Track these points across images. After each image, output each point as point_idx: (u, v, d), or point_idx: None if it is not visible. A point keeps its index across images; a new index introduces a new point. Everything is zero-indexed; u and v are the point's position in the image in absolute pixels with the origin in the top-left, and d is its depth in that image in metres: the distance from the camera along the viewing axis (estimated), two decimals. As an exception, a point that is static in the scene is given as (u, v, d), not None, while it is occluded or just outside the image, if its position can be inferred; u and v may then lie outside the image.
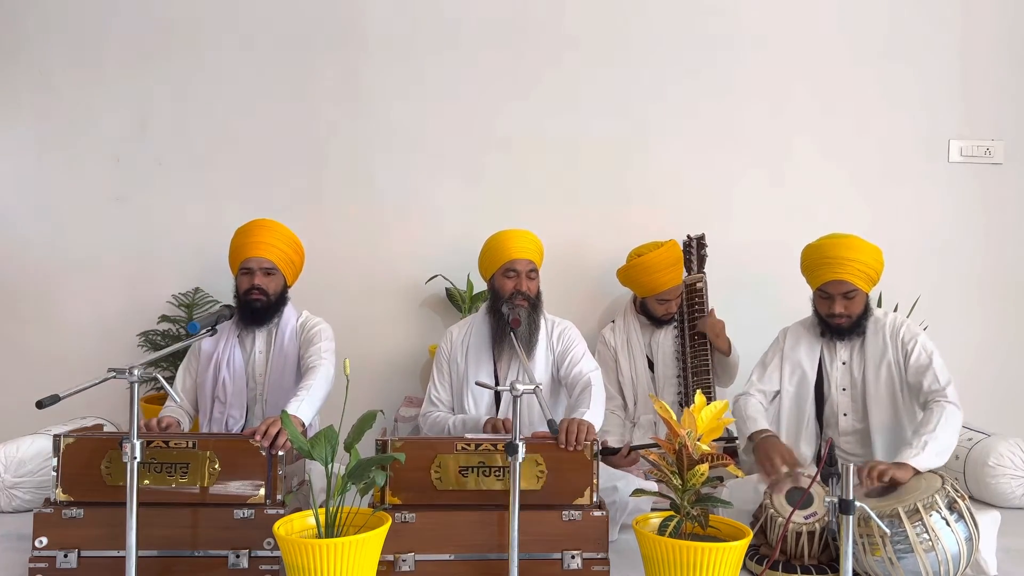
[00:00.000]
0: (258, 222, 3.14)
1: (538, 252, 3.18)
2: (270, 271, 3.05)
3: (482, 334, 3.15)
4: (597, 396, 2.88)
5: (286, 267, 3.10)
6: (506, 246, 3.14)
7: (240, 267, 3.07)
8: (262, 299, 3.04)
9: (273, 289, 3.07)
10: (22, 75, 3.93)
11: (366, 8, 3.96)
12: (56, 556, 2.44)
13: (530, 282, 3.11)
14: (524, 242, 3.15)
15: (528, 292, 3.09)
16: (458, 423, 3.07)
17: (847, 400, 3.04)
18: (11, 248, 3.95)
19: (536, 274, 3.14)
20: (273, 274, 3.06)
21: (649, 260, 3.54)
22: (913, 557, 2.34)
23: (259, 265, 3.04)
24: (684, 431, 2.28)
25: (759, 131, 4.02)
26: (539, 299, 3.15)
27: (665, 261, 3.55)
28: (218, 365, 3.05)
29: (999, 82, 4.06)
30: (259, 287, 3.03)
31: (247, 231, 3.11)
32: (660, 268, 3.54)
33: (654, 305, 3.61)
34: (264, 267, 3.04)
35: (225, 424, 3.04)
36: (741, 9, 4.01)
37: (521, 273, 3.10)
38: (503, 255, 3.13)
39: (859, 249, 2.91)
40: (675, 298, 3.60)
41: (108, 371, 2.26)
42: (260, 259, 3.04)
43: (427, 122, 3.98)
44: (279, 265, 3.07)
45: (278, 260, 3.07)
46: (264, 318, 3.08)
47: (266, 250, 3.05)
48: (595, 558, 2.46)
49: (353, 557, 2.13)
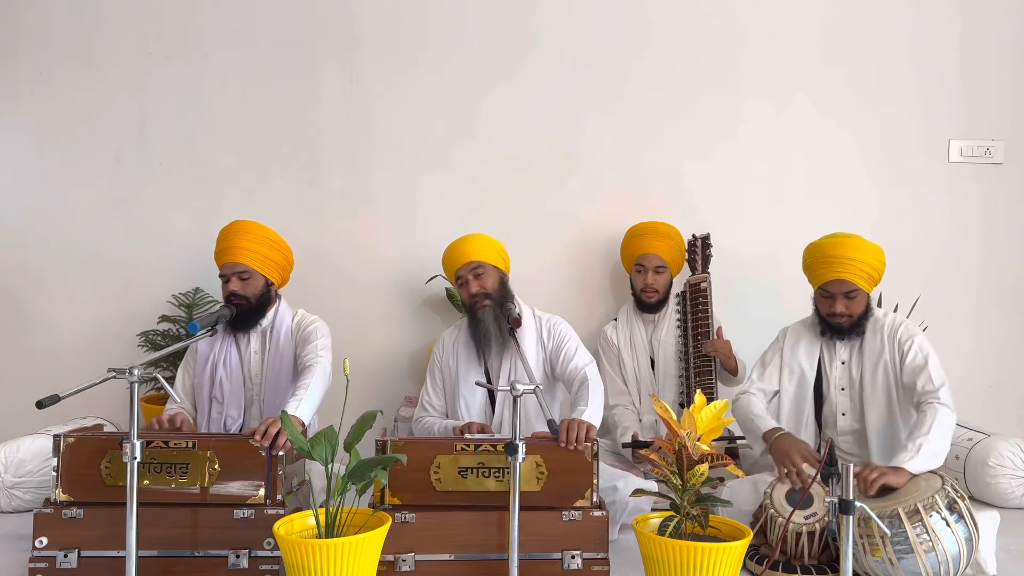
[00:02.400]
0: (233, 225, 3.11)
1: (483, 248, 3.17)
2: (244, 275, 3.04)
3: (470, 337, 3.17)
4: (595, 392, 2.89)
5: (264, 267, 3.07)
6: (450, 258, 3.21)
7: (220, 275, 3.09)
8: (242, 304, 3.04)
9: (251, 292, 3.05)
10: (22, 75, 3.92)
11: (366, 9, 3.96)
12: (56, 556, 2.44)
13: (479, 280, 3.12)
14: (464, 247, 3.17)
15: (481, 290, 3.10)
16: (441, 429, 3.11)
17: (845, 400, 3.04)
18: (11, 248, 3.95)
19: (483, 269, 3.13)
20: (248, 278, 3.05)
21: (639, 224, 3.67)
22: (913, 557, 2.35)
23: (232, 271, 3.04)
24: (684, 431, 2.28)
25: (760, 131, 4.02)
26: (504, 289, 3.16)
27: (653, 227, 3.63)
28: (215, 366, 3.06)
29: (999, 82, 4.06)
30: (235, 292, 3.03)
31: (223, 236, 3.10)
32: (645, 232, 3.62)
33: (635, 278, 3.62)
34: (238, 271, 3.04)
35: (223, 424, 3.05)
36: (742, 9, 4.01)
37: (467, 276, 3.12)
38: (450, 268, 3.22)
39: (861, 248, 2.91)
40: (652, 269, 3.57)
41: (108, 371, 2.26)
42: (233, 264, 3.03)
43: (427, 123, 3.98)
44: (254, 267, 3.04)
45: (252, 262, 3.04)
46: (251, 320, 3.09)
47: (239, 255, 3.03)
48: (595, 558, 2.47)
49: (353, 557, 2.13)
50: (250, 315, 3.07)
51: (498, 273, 3.18)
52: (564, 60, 4.00)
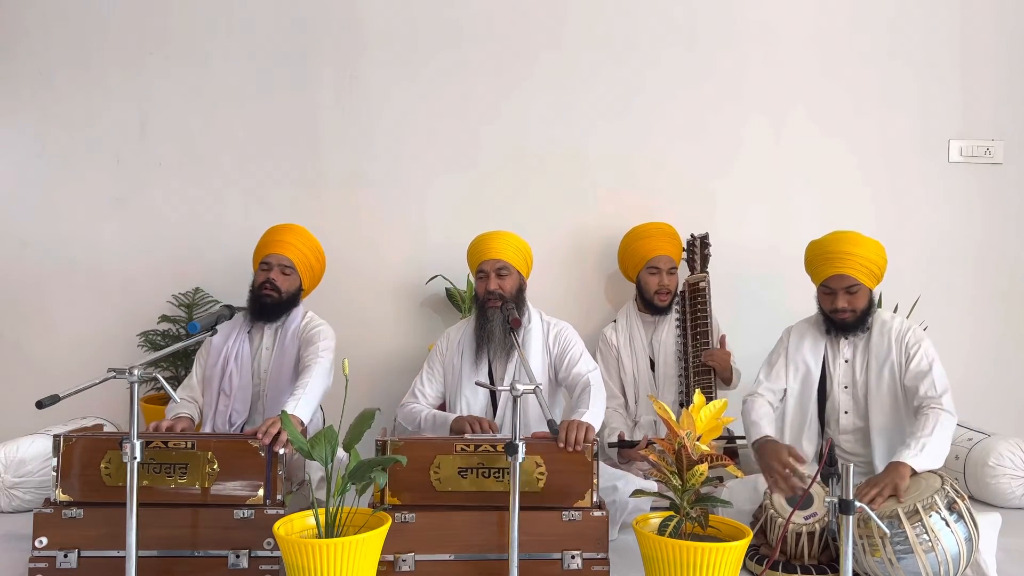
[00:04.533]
0: (288, 224, 3.24)
1: (512, 250, 3.17)
2: (287, 270, 3.12)
3: (475, 335, 3.17)
4: (597, 396, 2.89)
5: (304, 270, 3.17)
6: (477, 249, 3.20)
7: (260, 262, 3.15)
8: (273, 295, 3.09)
9: (286, 288, 3.12)
10: (22, 75, 3.92)
11: (366, 8, 3.96)
12: (56, 556, 2.44)
13: (500, 280, 3.12)
14: (494, 243, 3.16)
15: (499, 290, 3.10)
16: (430, 418, 3.07)
17: (848, 398, 3.04)
18: (11, 248, 3.95)
19: (508, 271, 3.13)
20: (290, 274, 3.13)
21: (641, 227, 3.66)
22: (913, 558, 2.35)
23: (278, 262, 3.11)
24: (683, 432, 2.28)
25: (761, 131, 4.01)
26: (519, 295, 3.16)
27: (657, 229, 3.62)
28: (227, 359, 3.09)
29: (999, 82, 4.06)
30: (273, 282, 3.09)
31: (275, 230, 3.21)
32: (651, 234, 3.60)
33: (646, 280, 3.58)
34: (283, 264, 3.12)
35: (228, 418, 3.06)
36: (743, 12, 4.01)
37: (490, 273, 3.12)
38: (474, 259, 3.21)
39: (861, 244, 2.92)
40: (667, 270, 3.56)
41: (108, 371, 2.26)
42: (280, 256, 3.11)
43: (427, 123, 3.97)
44: (298, 266, 3.14)
45: (298, 261, 3.14)
46: (273, 314, 3.13)
47: (288, 249, 3.13)
48: (595, 558, 2.47)
49: (353, 557, 2.13)
50: (277, 308, 3.12)
51: (519, 278, 3.19)
52: (567, 63, 3.99)
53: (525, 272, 3.23)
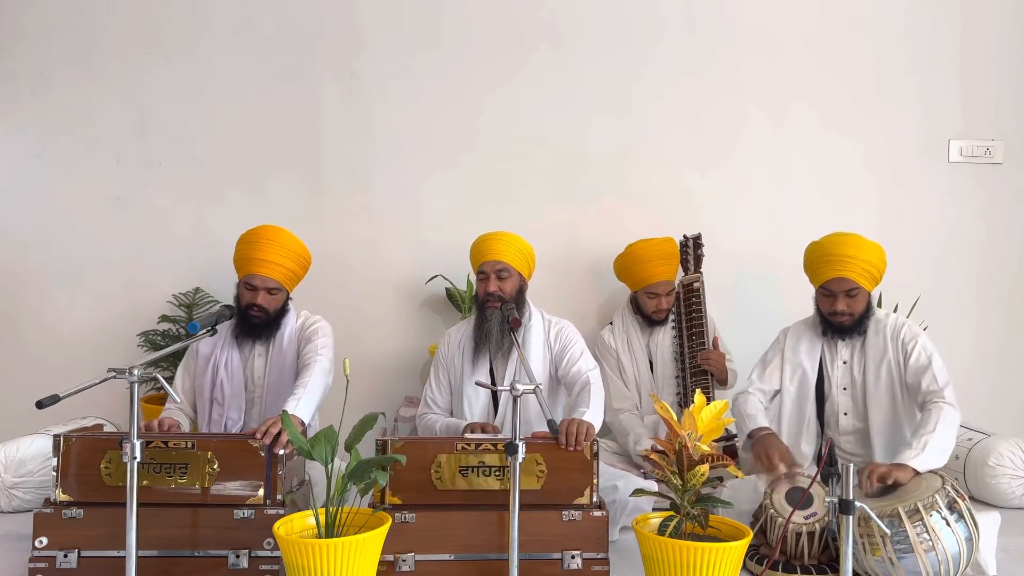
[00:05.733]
0: (267, 235, 3.04)
1: (514, 251, 3.17)
2: (274, 291, 3.03)
3: (474, 335, 3.17)
4: (596, 395, 2.89)
5: (290, 281, 3.09)
6: (479, 249, 3.19)
7: (244, 280, 3.05)
8: (261, 316, 3.03)
9: (274, 307, 3.05)
10: (23, 75, 3.92)
11: (366, 9, 3.96)
12: (56, 556, 2.43)
13: (500, 282, 3.12)
14: (495, 244, 3.16)
15: (498, 292, 3.10)
16: (443, 427, 3.10)
17: (847, 400, 3.04)
18: (11, 248, 3.95)
19: (508, 273, 3.13)
20: (276, 293, 3.04)
21: (640, 248, 3.58)
22: (913, 557, 2.35)
23: (263, 284, 3.01)
24: (684, 432, 2.28)
25: (760, 131, 4.02)
26: (520, 296, 3.16)
27: (656, 252, 3.57)
28: (216, 367, 3.05)
29: (999, 82, 4.06)
30: (260, 306, 3.01)
31: (255, 244, 3.01)
32: (650, 258, 3.55)
33: (644, 300, 3.59)
34: (268, 287, 3.01)
35: (224, 426, 3.04)
36: (742, 10, 4.01)
37: (490, 274, 3.12)
38: (476, 259, 3.20)
39: (862, 247, 2.92)
40: (665, 294, 3.58)
41: (108, 371, 2.26)
42: (265, 278, 3.00)
43: (427, 122, 3.98)
44: (284, 284, 3.05)
45: (283, 279, 3.04)
46: (262, 332, 3.08)
47: (273, 270, 3.00)
48: (595, 558, 2.46)
49: (353, 557, 2.13)
50: (265, 327, 3.06)
51: (520, 280, 3.18)
52: (564, 62, 3.99)
53: (527, 273, 3.23)
